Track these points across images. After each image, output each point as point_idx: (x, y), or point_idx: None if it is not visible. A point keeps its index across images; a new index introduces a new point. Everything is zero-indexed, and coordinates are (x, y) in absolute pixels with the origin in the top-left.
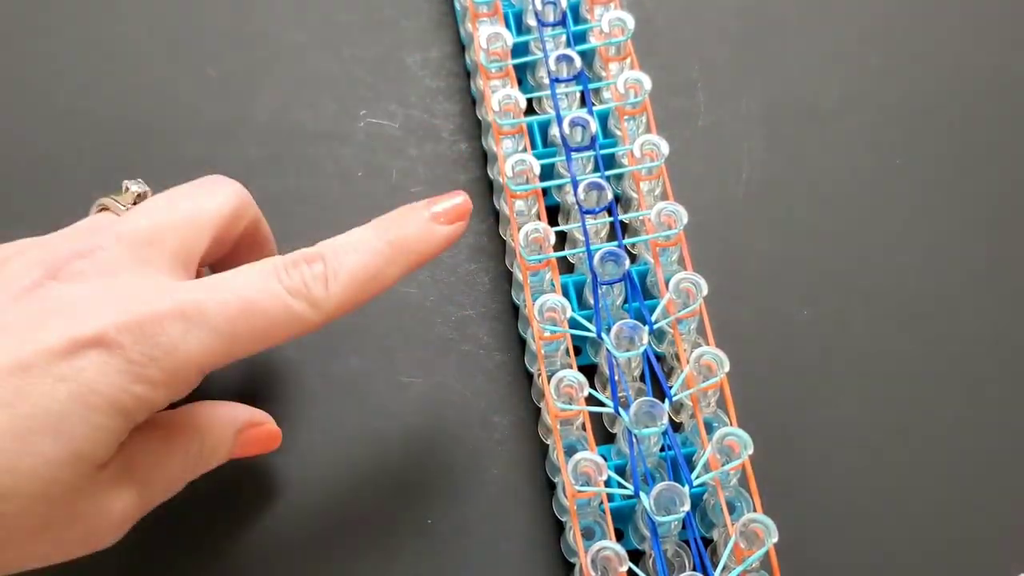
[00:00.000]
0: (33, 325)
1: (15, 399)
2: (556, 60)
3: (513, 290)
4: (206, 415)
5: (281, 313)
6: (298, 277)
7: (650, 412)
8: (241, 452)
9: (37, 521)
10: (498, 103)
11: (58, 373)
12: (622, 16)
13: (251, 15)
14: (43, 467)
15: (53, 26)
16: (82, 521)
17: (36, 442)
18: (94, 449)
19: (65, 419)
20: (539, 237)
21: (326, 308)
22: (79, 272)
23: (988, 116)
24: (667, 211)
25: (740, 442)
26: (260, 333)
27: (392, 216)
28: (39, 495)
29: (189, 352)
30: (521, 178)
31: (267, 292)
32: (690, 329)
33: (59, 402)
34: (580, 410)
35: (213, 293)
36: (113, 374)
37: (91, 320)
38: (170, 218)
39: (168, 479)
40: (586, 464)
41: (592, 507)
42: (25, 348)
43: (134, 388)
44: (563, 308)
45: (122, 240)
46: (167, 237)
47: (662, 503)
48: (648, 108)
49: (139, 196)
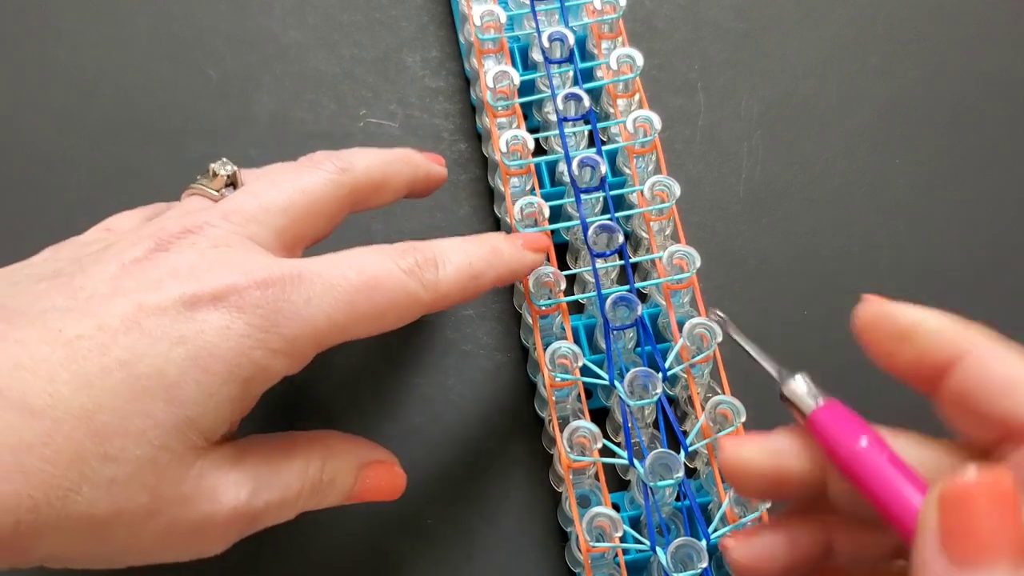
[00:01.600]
0: (148, 287)
1: (131, 358)
2: (564, 99)
3: (522, 332)
4: (331, 439)
5: (398, 290)
6: (411, 259)
7: (666, 464)
8: (363, 492)
9: (146, 493)
10: (506, 144)
11: (176, 334)
12: (631, 53)
13: (251, 15)
14: (153, 431)
15: (53, 26)
16: (191, 503)
17: (148, 404)
18: (207, 417)
19: (180, 383)
20: (549, 281)
21: (437, 291)
22: (190, 244)
23: (988, 116)
24: (679, 254)
25: None
26: (378, 309)
27: (484, 235)
28: (147, 461)
29: (311, 320)
30: (530, 220)
31: (385, 268)
32: (704, 374)
33: (175, 364)
34: (594, 461)
35: (335, 265)
36: (234, 338)
37: (210, 280)
38: (275, 198)
39: (283, 491)
40: (601, 519)
41: (606, 560)
42: (144, 306)
43: (254, 354)
44: (575, 356)
45: (229, 218)
46: (273, 216)
47: (679, 558)
48: (658, 147)
49: (229, 177)
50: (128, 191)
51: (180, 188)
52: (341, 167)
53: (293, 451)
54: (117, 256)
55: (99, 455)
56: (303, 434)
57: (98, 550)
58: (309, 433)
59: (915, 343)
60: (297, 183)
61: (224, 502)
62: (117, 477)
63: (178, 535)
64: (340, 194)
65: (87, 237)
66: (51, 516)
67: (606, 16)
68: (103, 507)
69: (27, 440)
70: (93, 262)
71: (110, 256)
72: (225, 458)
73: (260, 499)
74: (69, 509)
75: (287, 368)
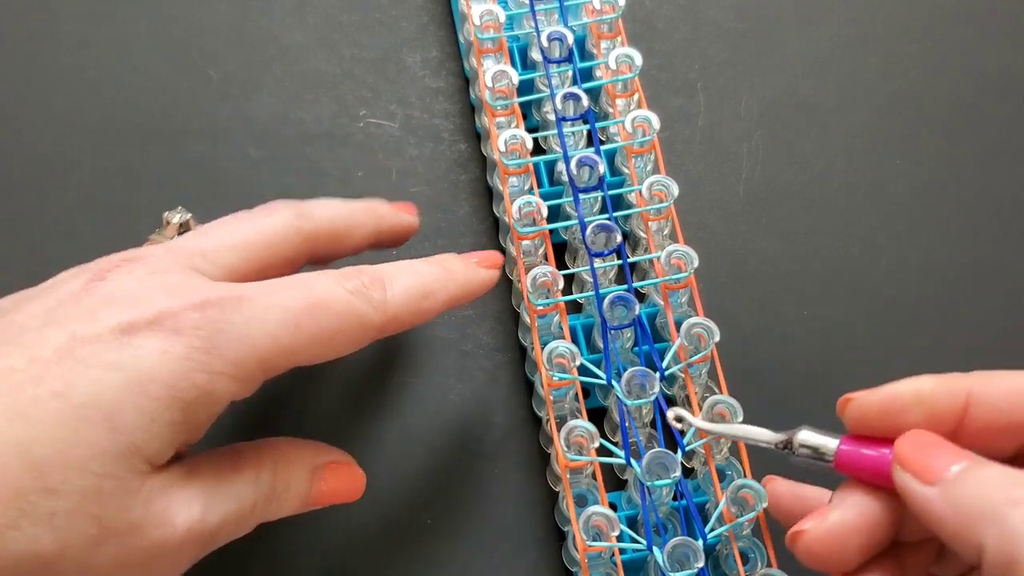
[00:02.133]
0: (83, 316)
1: (65, 389)
2: (563, 98)
3: (520, 332)
4: (280, 445)
5: (346, 311)
6: (357, 282)
7: (663, 463)
8: (320, 496)
9: (92, 524)
10: (504, 143)
11: (113, 361)
12: (629, 52)
13: (251, 16)
14: (95, 460)
15: (54, 27)
16: (141, 530)
17: (88, 433)
18: (151, 444)
19: (120, 409)
20: (547, 281)
21: (387, 311)
22: (127, 272)
23: (988, 116)
24: (677, 254)
25: (755, 495)
26: (326, 332)
27: (436, 257)
28: (91, 491)
29: (254, 340)
30: (528, 219)
31: (331, 291)
32: (701, 374)
33: (113, 390)
34: (591, 461)
35: (276, 288)
36: (173, 361)
37: (147, 305)
38: (224, 235)
39: (238, 503)
40: (598, 518)
41: (603, 559)
42: (77, 336)
43: (196, 377)
44: (572, 355)
45: (172, 251)
46: (222, 252)
47: (676, 558)
48: (656, 147)
49: (182, 226)
50: (128, 191)
51: (180, 188)
52: (299, 212)
53: (242, 462)
54: (54, 291)
55: (38, 489)
56: (251, 444)
57: None
58: (258, 442)
59: (923, 408)
60: (250, 224)
61: (177, 523)
62: (59, 510)
63: (130, 564)
64: (297, 239)
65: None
66: None
67: (605, 16)
68: (46, 543)
69: None
70: (31, 298)
71: (48, 292)
72: (174, 478)
73: (214, 515)
74: (10, 547)
75: (233, 392)
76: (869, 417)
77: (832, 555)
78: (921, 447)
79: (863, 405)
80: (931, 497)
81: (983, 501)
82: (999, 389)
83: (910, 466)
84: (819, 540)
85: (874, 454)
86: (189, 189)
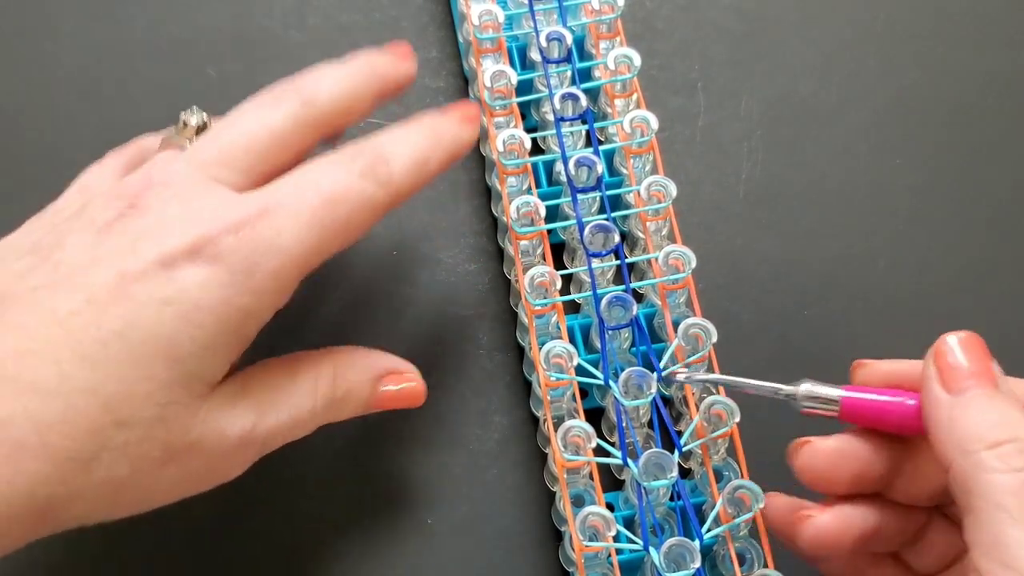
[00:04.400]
0: (126, 251)
1: (124, 328)
2: (561, 98)
3: (517, 331)
4: (341, 355)
5: (357, 197)
6: (361, 161)
7: (659, 464)
8: (381, 401)
9: (159, 448)
10: (503, 143)
11: (162, 296)
12: (628, 53)
13: (251, 16)
14: (158, 392)
15: (53, 26)
16: (200, 447)
17: (149, 368)
18: (206, 369)
19: (175, 341)
20: (545, 281)
21: (392, 186)
22: (157, 198)
23: (987, 116)
24: (675, 254)
25: (752, 495)
26: (343, 221)
27: (419, 118)
28: (156, 419)
29: (286, 250)
30: (526, 220)
31: (340, 180)
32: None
33: (167, 324)
34: (587, 461)
35: (294, 191)
36: (216, 289)
37: (180, 235)
38: (238, 139)
39: (293, 411)
40: (594, 518)
41: (600, 559)
42: (125, 273)
43: (240, 300)
44: (569, 355)
45: (192, 164)
46: (238, 156)
47: (672, 558)
48: (655, 147)
49: (199, 128)
50: None
51: None
52: (304, 100)
53: (299, 371)
54: (90, 222)
55: (112, 423)
56: (311, 353)
57: (121, 505)
58: (317, 351)
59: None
60: (260, 122)
61: (230, 435)
62: (131, 440)
63: (193, 476)
64: (306, 130)
65: (62, 202)
66: (76, 486)
67: (604, 16)
68: (121, 469)
69: (46, 420)
70: (68, 231)
71: (83, 223)
72: (228, 396)
73: (265, 425)
74: (91, 477)
75: (275, 303)
76: (878, 375)
77: (826, 472)
78: (956, 359)
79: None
80: (941, 403)
81: (972, 430)
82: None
83: (942, 370)
84: (819, 452)
85: (878, 398)
86: None
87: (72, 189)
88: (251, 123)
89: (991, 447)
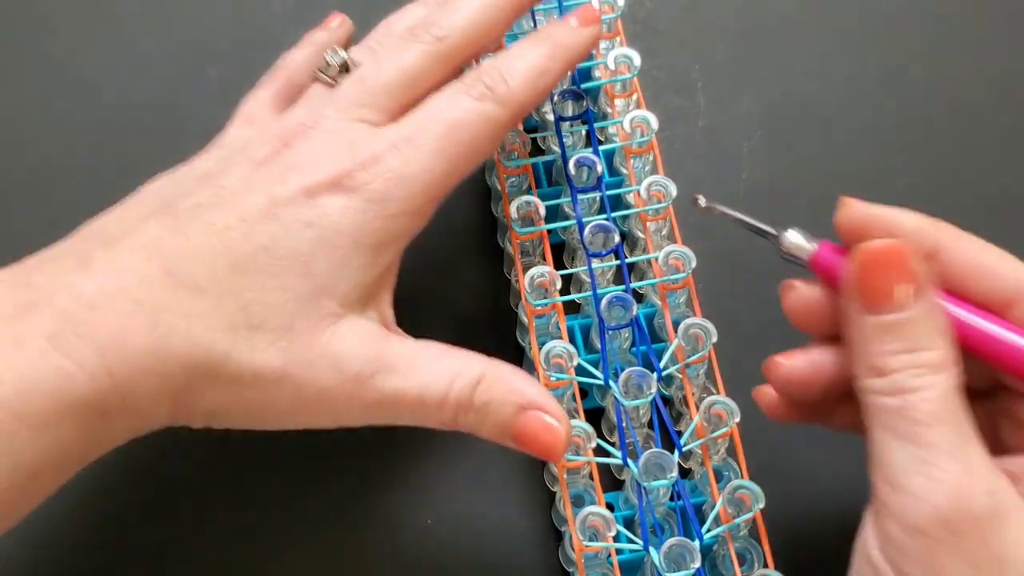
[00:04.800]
0: (276, 181)
1: (270, 243)
2: (561, 98)
3: (518, 331)
4: (498, 365)
5: (477, 119)
6: (480, 85)
7: (659, 464)
8: (519, 437)
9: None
10: (502, 144)
11: (305, 219)
12: (628, 53)
13: (251, 16)
14: (290, 303)
15: (54, 27)
16: (315, 370)
17: (285, 280)
18: (339, 285)
19: (312, 259)
20: (545, 281)
21: (512, 102)
22: (306, 138)
23: (988, 116)
24: (675, 254)
25: (752, 495)
26: (467, 145)
27: (538, 29)
28: (284, 329)
29: (415, 178)
30: (526, 219)
31: (460, 107)
32: (699, 374)
33: (307, 243)
34: (587, 461)
35: (418, 124)
36: (352, 214)
37: (324, 169)
38: (376, 81)
39: (422, 387)
40: (594, 518)
41: (600, 559)
42: (274, 199)
43: (374, 223)
44: (569, 355)
45: (339, 107)
46: (378, 97)
47: (672, 558)
48: (655, 147)
49: (343, 64)
50: (128, 191)
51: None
52: (436, 36)
53: (449, 355)
54: (250, 157)
55: (247, 325)
56: (470, 353)
57: (242, 412)
58: (479, 355)
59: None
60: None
61: (346, 370)
62: (258, 344)
63: (307, 400)
64: (437, 65)
65: (230, 135)
66: (210, 375)
67: (604, 16)
68: (246, 369)
69: (196, 311)
70: (232, 164)
71: (244, 158)
72: (360, 334)
73: (389, 382)
74: (221, 370)
75: (409, 226)
76: (854, 221)
77: (802, 384)
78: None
79: (858, 214)
80: (853, 319)
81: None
82: (962, 256)
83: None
84: (795, 367)
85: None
86: None
87: (238, 119)
88: (390, 65)
89: (879, 374)
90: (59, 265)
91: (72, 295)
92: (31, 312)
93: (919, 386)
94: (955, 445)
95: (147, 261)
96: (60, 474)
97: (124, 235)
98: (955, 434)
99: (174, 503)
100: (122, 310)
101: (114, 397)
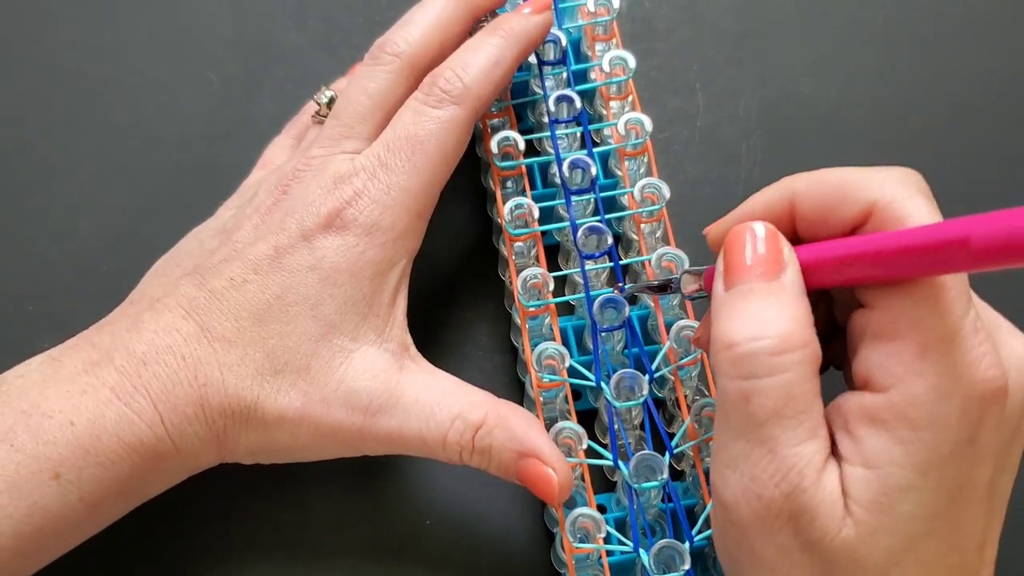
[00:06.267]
0: (277, 229)
1: (282, 292)
2: (556, 101)
3: (511, 333)
4: (503, 409)
5: (439, 129)
6: (436, 91)
7: (650, 465)
8: (522, 478)
9: (299, 399)
10: (497, 145)
11: (307, 263)
12: (623, 55)
13: (252, 19)
14: (304, 345)
15: (54, 31)
16: (328, 408)
17: (298, 324)
18: (344, 321)
19: (319, 301)
20: (538, 283)
21: (469, 97)
22: (300, 183)
23: (988, 116)
24: (668, 256)
25: None
26: (436, 154)
27: (492, 21)
28: (302, 370)
29: (397, 202)
30: (520, 221)
31: (421, 120)
32: (691, 376)
33: (312, 287)
34: (579, 462)
35: (387, 146)
36: (347, 251)
37: (314, 210)
38: (352, 112)
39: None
40: (584, 520)
41: (591, 561)
42: (277, 247)
43: (367, 255)
44: (562, 357)
45: (324, 145)
46: (355, 126)
47: (662, 560)
48: (649, 149)
49: (330, 102)
50: (129, 194)
51: (180, 191)
52: (394, 54)
53: (454, 395)
54: (257, 207)
55: (272, 370)
56: (477, 392)
57: (276, 448)
58: (485, 393)
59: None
60: (365, 91)
61: (355, 407)
62: (281, 387)
63: (324, 435)
64: (403, 80)
65: (248, 181)
66: (243, 420)
67: (600, 18)
68: (271, 413)
69: (227, 362)
70: (244, 217)
71: (253, 208)
72: (370, 365)
73: (390, 422)
74: (252, 415)
75: (404, 249)
76: (718, 235)
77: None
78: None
79: (714, 235)
80: (716, 297)
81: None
82: (811, 200)
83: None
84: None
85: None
86: (189, 191)
87: (258, 166)
88: (358, 95)
89: (728, 350)
90: (116, 327)
91: (128, 352)
92: (96, 368)
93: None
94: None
95: (185, 320)
96: (116, 509)
97: (165, 296)
98: (781, 429)
99: (174, 503)
100: (170, 364)
101: (167, 442)
